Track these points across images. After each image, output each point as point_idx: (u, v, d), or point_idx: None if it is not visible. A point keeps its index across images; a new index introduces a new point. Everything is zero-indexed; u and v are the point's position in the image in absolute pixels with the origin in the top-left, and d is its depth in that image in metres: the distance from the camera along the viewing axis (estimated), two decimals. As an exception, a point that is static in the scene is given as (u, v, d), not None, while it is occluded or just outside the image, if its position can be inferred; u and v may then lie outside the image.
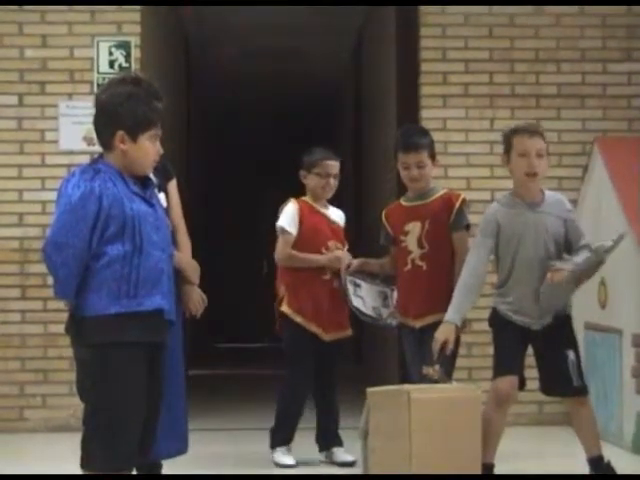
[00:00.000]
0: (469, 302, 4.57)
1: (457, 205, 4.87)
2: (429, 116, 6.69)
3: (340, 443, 5.37)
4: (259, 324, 14.92)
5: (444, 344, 4.48)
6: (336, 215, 5.47)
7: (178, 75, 9.62)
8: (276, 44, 10.52)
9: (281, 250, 5.31)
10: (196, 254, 4.77)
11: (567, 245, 4.52)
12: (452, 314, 4.53)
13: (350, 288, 5.06)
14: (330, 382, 5.37)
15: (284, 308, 5.30)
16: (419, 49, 6.78)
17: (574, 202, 6.19)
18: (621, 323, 5.78)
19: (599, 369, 5.88)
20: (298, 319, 5.26)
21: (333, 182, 5.35)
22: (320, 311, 5.24)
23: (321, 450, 5.42)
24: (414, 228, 4.88)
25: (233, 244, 15.56)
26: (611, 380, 5.81)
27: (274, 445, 5.38)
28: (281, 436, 5.37)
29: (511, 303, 4.57)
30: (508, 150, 4.56)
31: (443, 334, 4.50)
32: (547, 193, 4.58)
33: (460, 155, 6.58)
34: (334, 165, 5.37)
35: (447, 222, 4.87)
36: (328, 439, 5.38)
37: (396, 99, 7.22)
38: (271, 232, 5.56)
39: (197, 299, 4.54)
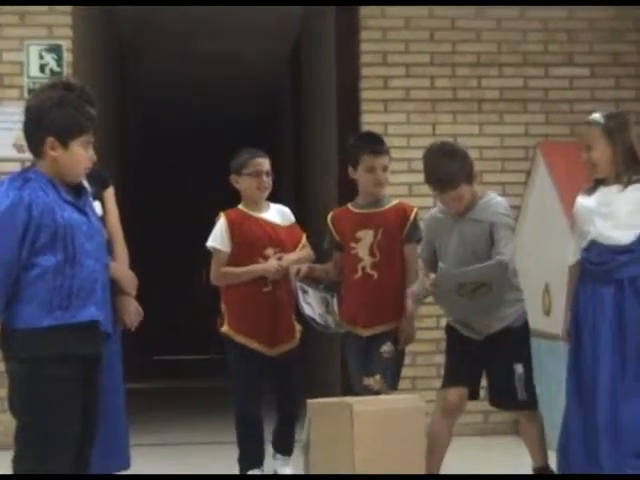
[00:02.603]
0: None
1: (412, 217, 4.93)
2: (370, 121, 6.72)
3: (287, 452, 5.29)
4: (204, 334, 14.90)
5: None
6: (278, 214, 5.32)
7: (112, 80, 9.55)
8: (212, 48, 10.50)
9: (214, 270, 5.22)
10: (133, 264, 4.72)
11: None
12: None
13: (300, 295, 5.02)
14: (289, 396, 5.24)
15: (224, 329, 5.21)
16: (359, 53, 6.81)
17: (517, 208, 6.25)
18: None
19: (544, 376, 5.92)
20: (239, 339, 5.16)
21: (266, 179, 5.24)
22: (261, 327, 5.14)
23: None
24: (366, 236, 4.91)
25: (171, 254, 15.49)
26: (556, 388, 5.86)
27: (245, 470, 5.18)
28: (249, 460, 5.19)
29: (448, 314, 4.63)
30: None
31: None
32: (485, 198, 4.56)
33: (402, 161, 6.61)
34: (264, 162, 5.26)
35: (400, 233, 4.91)
36: (281, 448, 5.30)
37: (336, 103, 7.24)
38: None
39: (133, 311, 4.49)
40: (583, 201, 4.48)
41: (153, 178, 15.01)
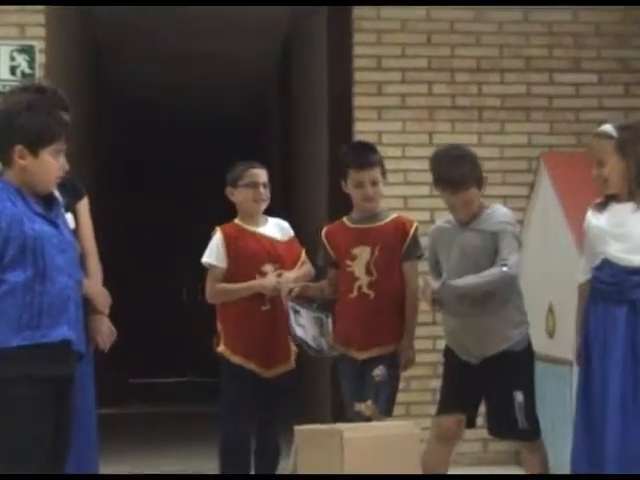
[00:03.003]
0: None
1: (411, 232, 4.93)
2: (363, 129, 6.71)
3: None
4: (180, 357, 14.86)
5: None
6: (276, 228, 5.33)
7: (88, 82, 9.55)
8: (196, 48, 10.50)
9: (209, 287, 5.22)
10: (107, 281, 4.71)
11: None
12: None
13: (292, 316, 5.01)
14: (268, 420, 5.20)
15: (220, 349, 5.19)
16: (352, 57, 6.81)
17: (519, 223, 6.24)
18: (571, 354, 5.82)
19: (548, 403, 5.91)
20: (235, 359, 5.14)
21: (264, 191, 5.25)
22: (259, 347, 5.12)
23: None
24: (362, 253, 4.90)
25: (150, 271, 15.46)
26: (561, 414, 5.85)
27: None
28: None
29: (447, 333, 4.65)
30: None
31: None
32: (489, 209, 4.63)
33: (397, 172, 6.59)
34: (261, 173, 5.28)
35: (398, 249, 4.91)
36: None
37: (327, 110, 7.24)
38: (191, 259, 5.46)
39: (106, 331, 4.48)
40: (594, 220, 4.46)
41: (130, 190, 14.97)
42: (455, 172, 4.52)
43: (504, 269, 4.44)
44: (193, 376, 14.26)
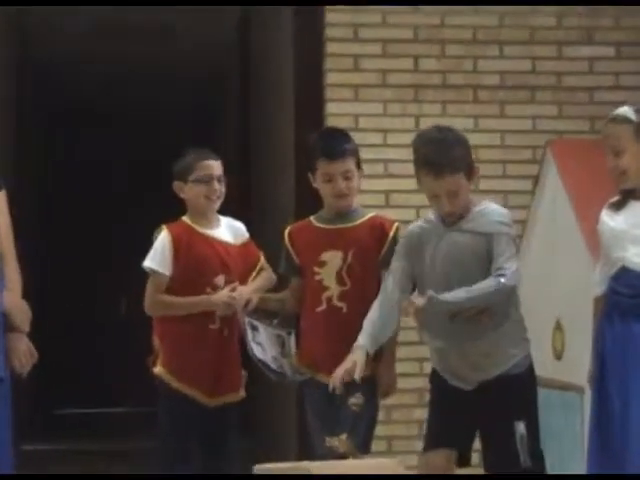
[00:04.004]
0: (381, 332, 4.63)
1: (391, 234, 4.95)
2: (336, 112, 6.72)
3: None
4: (118, 384, 14.82)
5: (350, 371, 4.51)
6: (228, 230, 5.36)
7: (9, 52, 9.50)
8: (140, 19, 10.49)
9: (149, 296, 5.23)
10: (27, 292, 4.67)
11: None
12: (361, 339, 4.60)
13: (249, 333, 5.04)
14: (219, 461, 5.23)
15: (157, 369, 5.23)
16: (324, 25, 6.80)
17: (521, 222, 6.25)
18: (582, 378, 5.83)
19: (555, 435, 5.92)
20: (174, 384, 5.17)
21: (218, 186, 5.28)
22: (203, 372, 5.16)
23: None
24: (333, 259, 4.93)
25: (80, 277, 15.42)
26: (570, 448, 5.86)
27: None
28: None
29: (433, 354, 4.64)
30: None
31: (350, 361, 4.54)
32: (480, 207, 4.61)
33: (376, 162, 6.61)
34: (215, 165, 5.31)
35: (375, 254, 4.93)
36: None
37: (294, 89, 7.24)
38: (132, 263, 5.47)
39: (24, 351, 4.46)
40: (609, 221, 4.48)
41: (57, 184, 14.92)
42: (442, 153, 4.50)
43: (502, 280, 4.44)
44: (133, 406, 14.24)
